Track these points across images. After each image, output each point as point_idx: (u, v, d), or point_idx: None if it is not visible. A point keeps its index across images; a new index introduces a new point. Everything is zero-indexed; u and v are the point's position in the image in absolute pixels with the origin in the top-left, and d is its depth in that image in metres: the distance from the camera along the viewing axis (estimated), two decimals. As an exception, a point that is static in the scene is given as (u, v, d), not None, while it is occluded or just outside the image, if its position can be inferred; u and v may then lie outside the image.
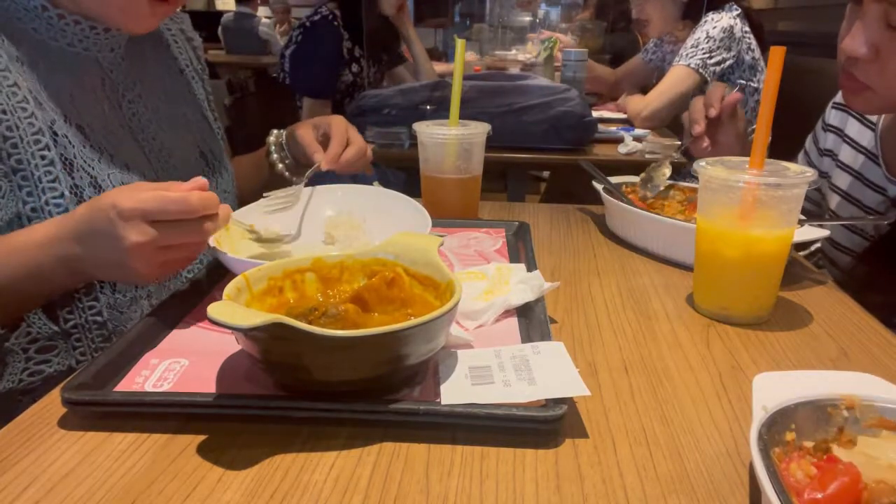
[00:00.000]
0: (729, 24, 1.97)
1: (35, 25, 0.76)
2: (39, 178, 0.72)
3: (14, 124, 0.71)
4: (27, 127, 0.72)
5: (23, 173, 0.71)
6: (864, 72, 0.85)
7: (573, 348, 0.65)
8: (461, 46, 1.03)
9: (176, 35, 1.01)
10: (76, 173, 0.75)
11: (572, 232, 1.02)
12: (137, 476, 0.46)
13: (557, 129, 1.67)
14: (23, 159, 0.71)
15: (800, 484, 0.40)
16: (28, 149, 0.71)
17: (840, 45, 0.86)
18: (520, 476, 0.46)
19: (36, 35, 0.77)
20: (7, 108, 0.71)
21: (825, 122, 1.14)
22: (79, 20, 0.78)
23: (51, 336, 0.74)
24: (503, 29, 3.68)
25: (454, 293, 0.54)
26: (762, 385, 0.48)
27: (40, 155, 0.72)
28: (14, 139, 0.71)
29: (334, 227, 0.86)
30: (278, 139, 1.03)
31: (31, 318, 0.73)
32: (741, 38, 1.98)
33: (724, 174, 0.68)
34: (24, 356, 0.73)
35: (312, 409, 0.51)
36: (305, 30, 2.35)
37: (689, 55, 1.99)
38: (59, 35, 0.78)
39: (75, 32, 0.78)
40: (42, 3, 0.75)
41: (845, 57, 0.86)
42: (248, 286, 0.57)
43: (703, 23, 2.01)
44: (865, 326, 0.72)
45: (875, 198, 1.00)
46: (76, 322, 0.75)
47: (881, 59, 0.82)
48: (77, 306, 0.74)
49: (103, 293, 0.76)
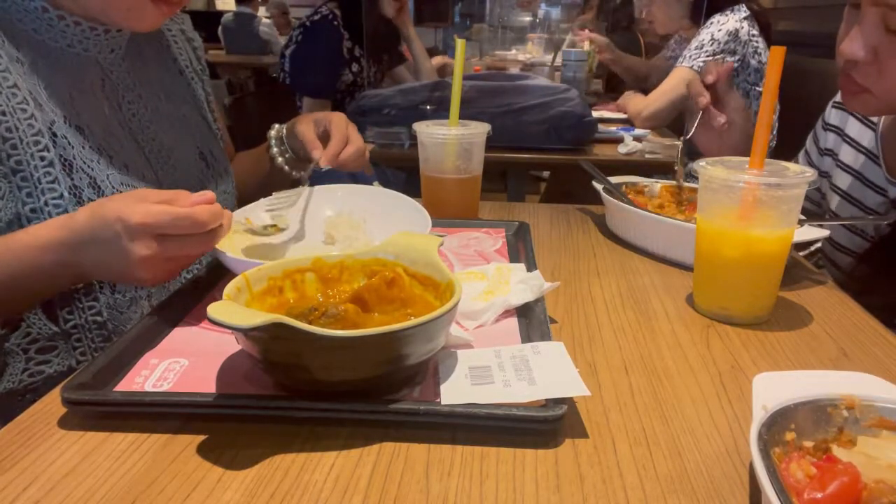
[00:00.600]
0: (734, 28, 1.94)
1: (35, 27, 0.76)
2: (39, 179, 0.72)
3: (14, 125, 0.71)
4: (27, 128, 0.72)
5: (22, 174, 0.71)
6: (862, 74, 0.85)
7: (573, 348, 0.65)
8: (461, 46, 1.03)
9: (176, 35, 1.01)
10: (75, 174, 0.75)
11: (572, 232, 1.02)
12: (137, 476, 0.46)
13: (557, 129, 1.67)
14: (22, 160, 0.71)
15: (800, 484, 0.40)
16: (27, 150, 0.71)
17: (838, 48, 0.86)
18: (520, 476, 0.46)
19: (36, 36, 0.76)
20: (7, 110, 0.71)
21: (825, 122, 1.14)
22: (79, 21, 0.78)
23: (51, 336, 0.74)
24: (503, 29, 3.68)
25: (454, 293, 0.54)
26: (762, 385, 0.48)
27: (39, 156, 0.72)
28: (13, 140, 0.71)
29: (334, 227, 0.86)
30: (279, 133, 1.03)
31: (31, 318, 0.73)
32: (747, 42, 1.95)
33: (724, 174, 0.68)
34: (25, 356, 0.73)
35: (312, 409, 0.51)
36: (305, 30, 2.36)
37: (692, 57, 1.98)
38: (59, 36, 0.78)
39: (75, 34, 0.78)
40: (42, 5, 0.75)
41: (844, 60, 0.86)
42: (248, 286, 0.57)
43: (709, 25, 2.00)
44: (865, 326, 0.72)
45: (876, 199, 1.00)
46: (76, 322, 0.75)
47: (879, 62, 0.82)
48: (77, 306, 0.74)
49: (103, 293, 0.76)
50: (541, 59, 3.16)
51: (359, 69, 2.40)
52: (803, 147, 1.22)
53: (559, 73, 2.37)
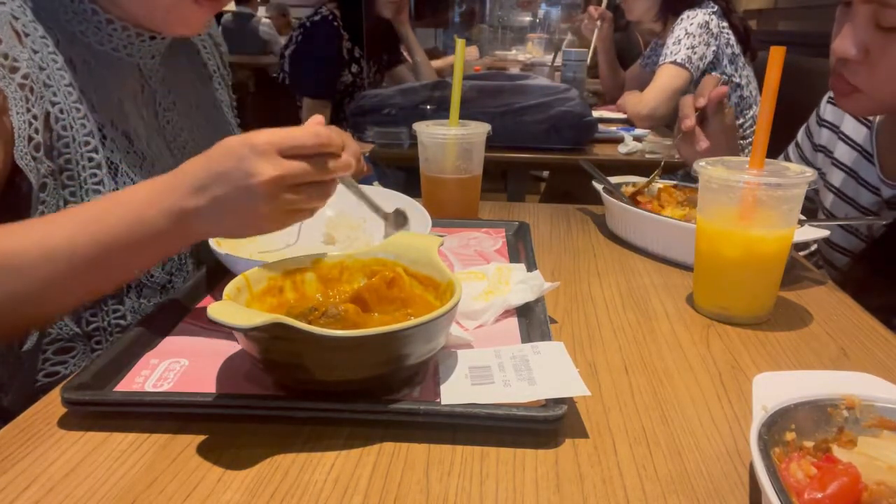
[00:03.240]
0: (704, 20, 2.02)
1: (83, 28, 0.75)
2: (85, 180, 0.72)
3: (69, 124, 0.71)
4: (80, 128, 0.71)
5: (69, 173, 0.71)
6: (853, 73, 0.85)
7: (573, 348, 0.65)
8: (461, 46, 1.03)
9: (205, 40, 1.00)
10: (120, 178, 0.75)
11: (572, 232, 1.02)
12: (137, 476, 0.46)
13: (557, 129, 1.67)
14: (72, 159, 0.71)
15: (800, 484, 0.40)
16: (78, 149, 0.71)
17: (831, 47, 0.86)
18: (520, 476, 0.46)
19: (83, 38, 0.76)
20: (64, 108, 0.70)
21: (820, 117, 1.13)
22: (126, 26, 0.77)
23: (71, 337, 0.73)
24: (503, 29, 3.68)
25: (454, 293, 0.54)
26: (762, 385, 0.48)
27: (88, 157, 0.72)
28: (67, 139, 0.70)
29: (334, 227, 0.86)
30: None
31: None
32: (718, 34, 2.03)
33: (724, 174, 0.68)
34: (42, 357, 0.73)
35: (312, 409, 0.51)
36: (305, 30, 2.36)
37: (673, 52, 2.02)
38: (105, 39, 0.77)
39: (121, 38, 0.78)
40: (92, 7, 0.74)
41: (835, 59, 0.86)
42: (248, 286, 0.57)
43: (680, 20, 2.06)
44: (865, 326, 0.72)
45: (870, 198, 1.00)
46: (98, 325, 0.74)
47: (870, 61, 0.82)
48: (102, 309, 0.74)
49: (129, 297, 0.76)
50: (541, 59, 3.16)
51: (358, 70, 2.40)
52: (794, 140, 1.20)
53: (559, 73, 2.37)
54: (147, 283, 0.78)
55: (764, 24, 3.14)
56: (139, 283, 0.77)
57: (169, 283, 0.81)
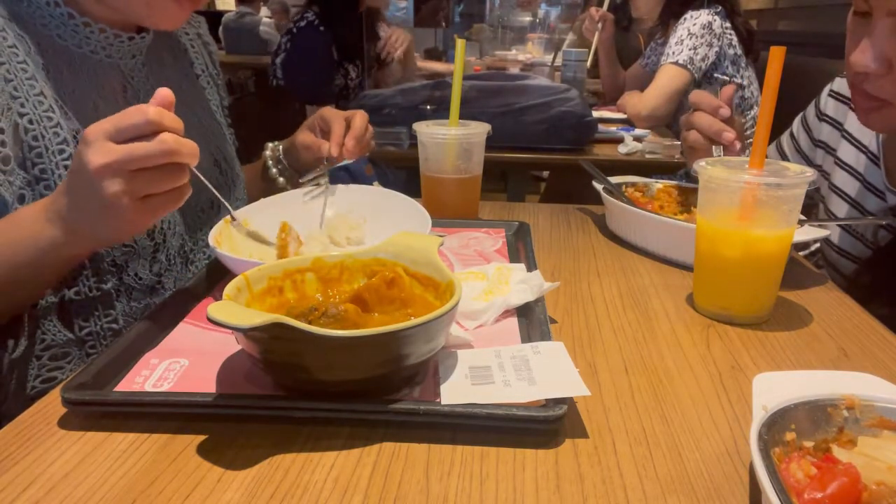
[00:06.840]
0: (707, 21, 2.02)
1: (60, 32, 0.75)
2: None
3: (40, 134, 0.70)
4: (52, 136, 0.71)
5: (45, 182, 0.71)
6: (876, 87, 0.81)
7: (573, 348, 0.65)
8: (461, 46, 1.03)
9: (193, 39, 1.00)
10: None
11: (572, 232, 1.02)
12: (137, 476, 0.46)
13: (557, 129, 1.67)
14: (47, 169, 0.71)
15: (800, 484, 0.40)
16: (52, 158, 0.71)
17: (848, 60, 0.82)
18: (520, 476, 0.46)
19: (59, 42, 0.76)
20: (34, 118, 0.70)
21: (821, 111, 1.10)
22: (104, 28, 0.77)
23: (65, 343, 0.73)
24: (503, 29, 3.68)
25: (454, 293, 0.54)
26: (762, 385, 0.48)
27: (64, 165, 0.72)
28: (39, 149, 0.70)
29: (334, 227, 0.86)
30: (275, 153, 1.02)
31: (46, 325, 0.72)
32: (721, 34, 2.03)
33: (724, 174, 0.68)
34: (38, 363, 0.73)
35: (312, 409, 0.51)
36: (293, 36, 2.36)
37: (675, 52, 2.03)
38: (83, 42, 0.77)
39: (99, 40, 0.78)
40: (69, 11, 0.74)
41: (854, 73, 0.82)
42: (248, 286, 0.57)
43: (683, 21, 2.06)
44: (865, 326, 0.72)
45: (876, 203, 0.98)
46: (91, 330, 0.74)
47: (894, 72, 0.78)
48: (93, 314, 0.74)
49: (119, 301, 0.76)
50: (541, 59, 3.16)
51: (346, 72, 2.40)
52: (788, 130, 1.17)
53: (559, 73, 2.37)
54: (136, 286, 0.78)
55: (764, 24, 3.14)
56: (128, 286, 0.77)
57: (158, 284, 0.81)
